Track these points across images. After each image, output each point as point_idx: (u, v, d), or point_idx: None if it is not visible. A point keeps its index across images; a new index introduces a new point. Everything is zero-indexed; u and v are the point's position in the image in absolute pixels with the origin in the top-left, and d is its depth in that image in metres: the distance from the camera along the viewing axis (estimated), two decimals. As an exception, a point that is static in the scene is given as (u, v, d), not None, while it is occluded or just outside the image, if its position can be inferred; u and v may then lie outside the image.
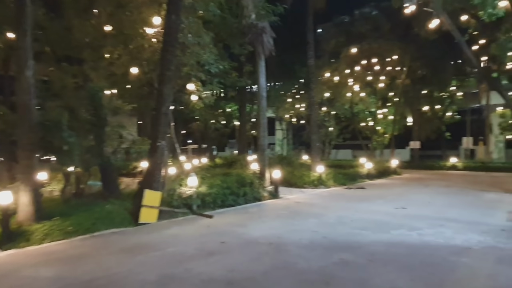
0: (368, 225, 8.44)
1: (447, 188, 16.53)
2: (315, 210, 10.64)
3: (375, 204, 11.92)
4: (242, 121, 28.21)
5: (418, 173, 25.56)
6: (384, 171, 22.73)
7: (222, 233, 7.72)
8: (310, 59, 17.74)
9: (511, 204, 11.78)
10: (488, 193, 14.71)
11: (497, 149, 33.33)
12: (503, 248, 6.46)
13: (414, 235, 7.43)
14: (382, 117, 34.48)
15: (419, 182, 19.59)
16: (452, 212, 10.40)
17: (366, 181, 19.41)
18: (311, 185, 16.40)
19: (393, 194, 14.29)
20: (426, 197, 13.57)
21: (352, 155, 42.45)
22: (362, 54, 25.55)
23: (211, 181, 11.65)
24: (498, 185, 18.04)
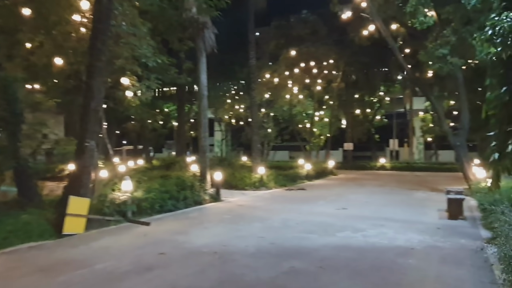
0: (314, 228, 8.28)
1: (381, 188, 17.28)
2: (259, 213, 10.31)
3: (317, 205, 11.94)
4: (180, 122, 27.19)
5: (352, 173, 26.63)
6: (322, 172, 23.28)
7: (160, 243, 7.02)
8: (252, 59, 17.49)
9: (439, 203, 12.48)
10: (417, 192, 15.60)
11: (417, 150, 36.07)
12: (442, 247, 6.63)
13: (359, 237, 7.40)
14: (318, 119, 35.52)
15: (354, 182, 20.31)
16: (389, 211, 10.72)
17: (306, 182, 19.65)
18: (252, 187, 16.12)
19: (332, 194, 14.52)
20: (363, 197, 13.96)
21: (289, 156, 43.26)
22: (301, 57, 25.95)
23: (148, 185, 10.78)
24: (424, 184, 19.34)
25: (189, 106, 29.45)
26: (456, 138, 14.41)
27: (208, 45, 12.05)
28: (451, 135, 14.45)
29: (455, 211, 9.48)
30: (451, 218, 9.43)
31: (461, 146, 14.18)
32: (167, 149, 43.14)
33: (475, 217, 9.69)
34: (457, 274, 5.21)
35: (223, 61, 26.79)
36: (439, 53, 13.77)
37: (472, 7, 12.83)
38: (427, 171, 28.48)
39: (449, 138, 14.57)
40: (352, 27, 23.65)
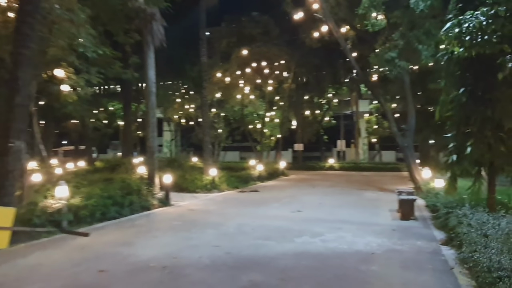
0: (271, 233, 7.89)
1: (332, 188, 17.42)
2: (212, 218, 9.73)
3: (271, 208, 11.60)
4: (127, 121, 25.67)
5: (303, 174, 26.83)
6: (274, 173, 23.14)
7: (101, 257, 6.21)
8: (203, 56, 16.82)
9: (389, 203, 12.72)
10: (367, 192, 15.88)
11: (362, 151, 37.44)
12: (401, 251, 6.52)
13: (318, 242, 7.11)
14: (269, 120, 35.55)
15: (306, 183, 20.36)
16: (343, 213, 10.65)
17: (258, 183, 19.33)
18: (204, 189, 15.46)
19: (286, 196, 14.29)
20: (316, 198, 13.89)
21: (240, 157, 42.95)
22: (253, 56, 25.66)
23: (88, 190, 9.76)
24: (371, 183, 19.86)
25: (136, 105, 27.97)
26: (404, 140, 14.84)
27: (156, 39, 11.23)
28: (399, 137, 14.86)
29: (407, 211, 9.59)
30: (403, 218, 9.52)
31: (408, 147, 14.63)
32: (113, 149, 40.89)
33: (425, 217, 9.88)
34: (421, 280, 5.05)
35: (173, 59, 25.76)
36: (388, 56, 14.09)
37: (420, 12, 13.27)
38: (373, 171, 29.51)
39: (397, 139, 14.98)
40: (304, 28, 23.82)
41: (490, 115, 5.49)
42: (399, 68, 14.13)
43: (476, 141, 5.57)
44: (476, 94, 5.65)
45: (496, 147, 5.48)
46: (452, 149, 5.97)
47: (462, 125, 5.83)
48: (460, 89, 5.86)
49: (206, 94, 17.17)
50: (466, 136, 5.75)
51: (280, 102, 33.02)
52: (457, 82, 6.01)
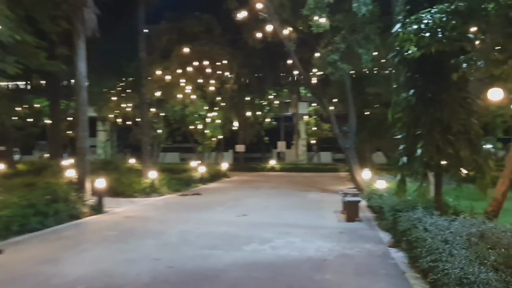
0: (217, 241, 7.36)
1: (275, 190, 17.30)
2: (151, 226, 8.94)
3: (216, 212, 11.05)
4: (55, 119, 23.41)
5: (245, 175, 26.60)
6: (216, 175, 22.57)
7: (18, 279, 5.24)
8: (141, 51, 15.76)
9: (332, 204, 12.82)
10: (310, 193, 15.98)
11: (301, 152, 38.28)
12: (352, 256, 6.38)
13: (268, 250, 6.74)
14: (210, 121, 34.90)
15: (249, 184, 20.07)
16: (290, 216, 10.45)
17: (200, 186, 18.64)
18: (142, 193, 14.44)
19: (230, 199, 13.82)
20: (261, 201, 13.60)
21: (180, 158, 41.70)
22: (194, 55, 24.83)
23: (3, 198, 8.43)
24: (313, 184, 20.15)
25: (66, 102, 25.65)
26: (345, 141, 15.14)
27: (88, 28, 10.09)
28: (341, 138, 15.13)
29: (352, 213, 9.63)
30: (348, 220, 9.54)
31: (350, 148, 14.94)
32: (39, 150, 37.31)
33: (369, 218, 10.02)
34: (378, 287, 4.88)
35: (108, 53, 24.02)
36: (331, 58, 14.27)
37: (361, 16, 13.60)
38: (312, 171, 30.19)
39: (339, 140, 15.25)
40: (247, 28, 23.58)
41: (439, 117, 5.52)
42: (341, 70, 14.38)
43: (426, 143, 5.56)
44: (426, 96, 5.67)
45: (444, 149, 5.53)
46: (402, 151, 5.94)
47: (412, 127, 5.82)
48: (410, 91, 5.84)
49: (145, 92, 16.12)
50: (416, 138, 5.73)
51: (221, 103, 32.55)
52: (407, 83, 6.00)
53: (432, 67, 5.68)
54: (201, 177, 19.83)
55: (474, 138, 5.50)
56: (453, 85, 5.59)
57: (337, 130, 15.11)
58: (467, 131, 5.49)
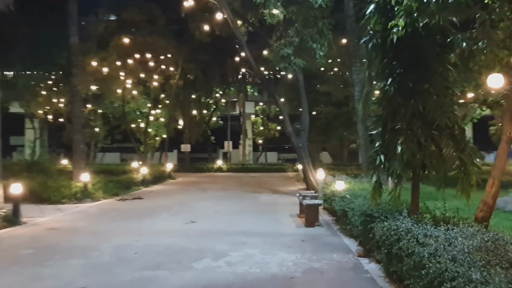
0: (161, 257, 6.14)
1: (225, 192, 16.23)
2: (79, 240, 7.44)
3: (160, 220, 9.73)
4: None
5: (191, 176, 25.21)
6: (160, 176, 20.97)
7: None
8: (73, 36, 13.82)
9: (286, 206, 12.07)
10: (261, 195, 15.13)
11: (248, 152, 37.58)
12: (322, 270, 5.52)
13: (224, 267, 5.66)
14: (154, 119, 33.03)
15: (196, 186, 18.77)
16: (243, 222, 9.46)
17: (142, 189, 17.01)
18: (72, 199, 12.62)
19: (176, 203, 12.51)
20: (209, 204, 12.47)
21: (121, 159, 39.14)
22: (135, 46, 22.92)
23: None
24: (263, 185, 19.35)
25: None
26: (298, 139, 14.49)
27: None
28: (294, 137, 14.45)
29: (312, 217, 8.87)
30: (308, 225, 8.77)
31: (303, 147, 14.32)
32: None
33: (328, 222, 9.34)
34: (362, 314, 4.04)
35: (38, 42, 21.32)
36: (284, 52, 13.54)
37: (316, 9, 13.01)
38: (260, 172, 29.56)
39: (292, 139, 14.56)
40: (194, 20, 22.20)
41: (421, 109, 4.83)
42: (294, 65, 13.69)
43: (406, 139, 4.85)
44: (406, 86, 4.97)
45: (427, 146, 4.86)
46: (378, 148, 5.19)
47: (390, 120, 5.09)
48: (387, 80, 5.11)
49: (77, 83, 14.18)
50: (394, 134, 5.01)
51: (166, 100, 30.71)
52: (383, 72, 5.27)
53: (413, 53, 4.99)
54: (143, 179, 18.18)
55: (458, 134, 4.90)
56: (436, 74, 4.95)
57: (290, 128, 14.41)
58: (451, 125, 4.87)
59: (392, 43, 4.89)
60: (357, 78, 14.60)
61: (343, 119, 21.34)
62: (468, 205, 5.61)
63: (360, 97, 14.52)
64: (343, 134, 23.85)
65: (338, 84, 18.26)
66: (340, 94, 18.73)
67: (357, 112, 14.57)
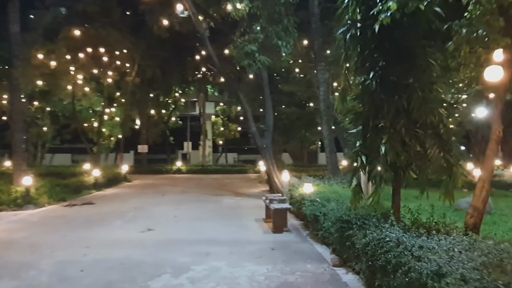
0: (113, 275, 5.29)
1: (184, 195, 15.36)
2: (14, 255, 6.36)
3: (112, 228, 8.75)
4: None
5: (148, 178, 23.96)
6: (114, 179, 19.60)
7: None
8: (14, 24, 12.36)
9: (251, 210, 11.51)
10: (223, 198, 14.44)
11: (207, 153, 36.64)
12: (297, 285, 4.96)
13: (187, 285, 4.93)
14: (108, 118, 31.25)
15: (153, 189, 17.69)
16: (206, 228, 8.74)
17: (94, 193, 15.70)
18: (12, 205, 11.25)
19: (131, 208, 11.50)
20: (169, 209, 11.59)
21: (72, 160, 36.70)
22: (88, 40, 21.36)
23: None
24: (224, 187, 18.65)
25: None
26: (262, 140, 13.95)
27: None
28: (258, 137, 13.90)
29: (280, 222, 8.34)
30: (276, 230, 8.22)
31: (267, 148, 13.80)
32: None
33: (296, 227, 8.85)
34: None
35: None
36: (248, 48, 12.97)
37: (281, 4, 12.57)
38: (220, 173, 28.79)
39: (256, 140, 13.99)
40: (152, 13, 21.03)
41: (405, 106, 4.41)
42: (259, 63, 13.14)
43: (390, 138, 4.41)
44: (389, 80, 4.53)
45: (411, 146, 4.45)
46: (359, 148, 4.72)
47: (371, 118, 4.63)
48: (368, 74, 4.65)
49: (18, 76, 12.72)
50: (376, 132, 4.55)
51: (122, 99, 29.09)
52: (363, 65, 4.81)
53: (396, 44, 4.56)
54: (96, 182, 16.83)
55: (444, 133, 4.54)
56: (420, 68, 4.55)
57: (254, 128, 13.83)
58: (437, 124, 4.50)
59: (373, 34, 4.46)
60: (322, 78, 14.35)
61: (306, 120, 21.09)
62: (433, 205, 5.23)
63: (325, 97, 14.31)
64: (306, 135, 23.65)
65: (302, 84, 17.95)
66: (304, 94, 18.44)
67: (322, 112, 14.32)
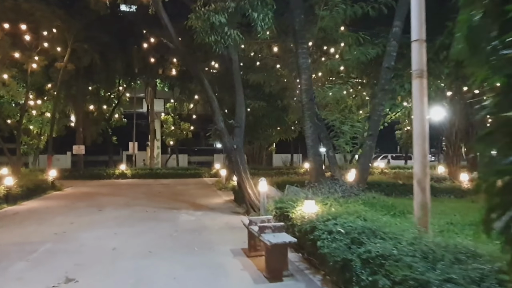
0: None
1: (129, 210, 11.94)
2: None
3: (11, 273, 5.30)
4: None
5: (84, 185, 20.00)
6: (37, 187, 15.51)
7: None
8: None
9: (220, 232, 8.56)
10: (180, 213, 11.29)
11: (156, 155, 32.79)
12: None
13: None
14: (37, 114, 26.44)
15: (88, 201, 13.97)
16: (161, 275, 5.61)
17: (4, 208, 11.75)
18: None
19: (48, 236, 7.98)
20: (105, 235, 8.24)
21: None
22: (4, 14, 17.03)
23: None
24: (179, 197, 15.39)
25: None
26: (232, 140, 10.95)
27: None
28: (226, 136, 10.88)
29: (278, 264, 5.45)
30: (272, 277, 5.34)
31: (238, 149, 10.82)
32: None
33: (299, 267, 6.00)
34: None
35: None
36: (216, 20, 9.92)
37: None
38: (171, 177, 25.42)
39: (223, 138, 10.97)
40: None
41: None
42: (229, 39, 10.14)
43: None
44: None
45: None
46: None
47: None
48: None
49: None
50: None
51: (53, 91, 24.45)
52: None
53: None
54: (8, 193, 12.78)
55: None
56: None
57: (222, 124, 10.76)
58: None
59: None
60: (305, 63, 11.66)
61: (274, 116, 18.32)
62: None
63: (308, 87, 11.63)
64: (272, 134, 20.85)
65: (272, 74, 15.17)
66: (276, 85, 15.64)
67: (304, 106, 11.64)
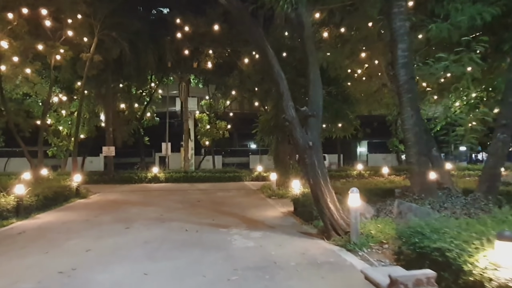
0: None
1: (163, 228, 9.09)
2: None
3: None
4: None
5: (113, 191, 17.61)
6: (58, 195, 13.08)
7: None
8: None
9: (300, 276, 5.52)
10: (231, 235, 8.36)
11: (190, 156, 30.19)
12: None
13: None
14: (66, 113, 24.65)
15: (114, 213, 11.27)
16: None
17: (13, 224, 9.25)
18: None
19: (49, 280, 5.17)
20: (131, 276, 5.39)
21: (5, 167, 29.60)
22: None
23: None
24: (223, 208, 12.39)
25: None
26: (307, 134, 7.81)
27: None
28: (299, 130, 7.74)
29: None
30: None
31: (314, 147, 7.66)
32: None
33: None
34: None
35: None
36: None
37: None
38: (209, 181, 22.74)
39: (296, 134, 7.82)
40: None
41: None
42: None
43: None
44: None
45: None
46: None
47: None
48: None
49: None
50: None
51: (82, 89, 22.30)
52: None
53: None
54: (18, 203, 10.30)
55: None
56: None
57: (292, 112, 7.62)
58: None
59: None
60: (402, 27, 8.42)
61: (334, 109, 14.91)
62: None
63: (407, 60, 8.35)
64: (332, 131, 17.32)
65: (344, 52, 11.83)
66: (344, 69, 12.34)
67: (401, 86, 8.39)
